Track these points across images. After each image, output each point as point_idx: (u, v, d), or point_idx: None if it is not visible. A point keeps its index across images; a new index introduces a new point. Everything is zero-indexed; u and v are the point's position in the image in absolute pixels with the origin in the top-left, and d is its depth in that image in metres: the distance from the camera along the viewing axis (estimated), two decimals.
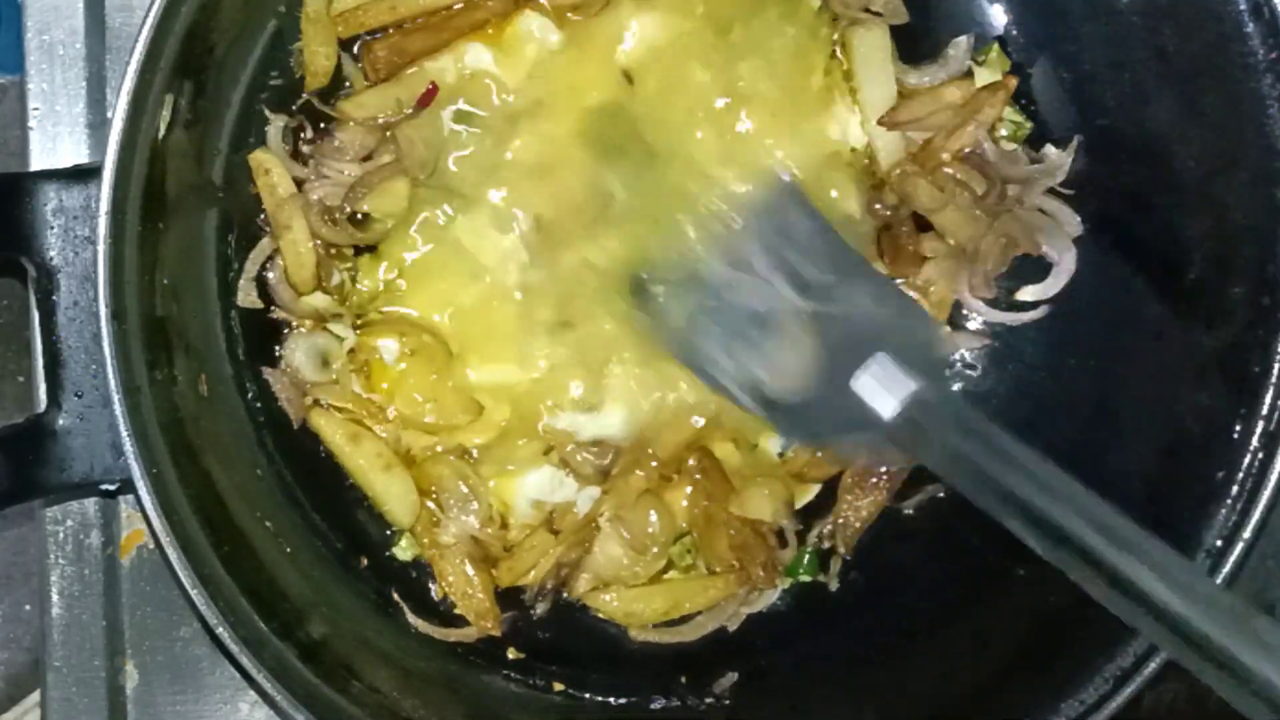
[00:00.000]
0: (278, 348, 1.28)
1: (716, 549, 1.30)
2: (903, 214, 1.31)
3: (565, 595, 1.31)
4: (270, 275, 1.27)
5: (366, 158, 1.27)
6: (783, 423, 1.21)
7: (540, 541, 1.29)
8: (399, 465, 1.27)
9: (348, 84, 1.28)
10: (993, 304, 1.33)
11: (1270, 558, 1.34)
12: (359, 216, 1.26)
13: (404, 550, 1.30)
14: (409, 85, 1.26)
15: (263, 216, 1.26)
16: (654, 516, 1.28)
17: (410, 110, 1.26)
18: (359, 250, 1.29)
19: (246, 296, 1.26)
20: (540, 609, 1.31)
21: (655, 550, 1.29)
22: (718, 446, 1.31)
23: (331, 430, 1.28)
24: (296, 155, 1.28)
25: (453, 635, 1.29)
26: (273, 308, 1.28)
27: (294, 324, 1.28)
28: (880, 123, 1.30)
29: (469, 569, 1.28)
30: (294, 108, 1.27)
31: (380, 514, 1.29)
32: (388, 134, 1.26)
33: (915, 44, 1.33)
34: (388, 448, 1.28)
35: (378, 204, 1.26)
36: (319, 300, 1.28)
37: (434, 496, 1.28)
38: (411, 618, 1.29)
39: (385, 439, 1.28)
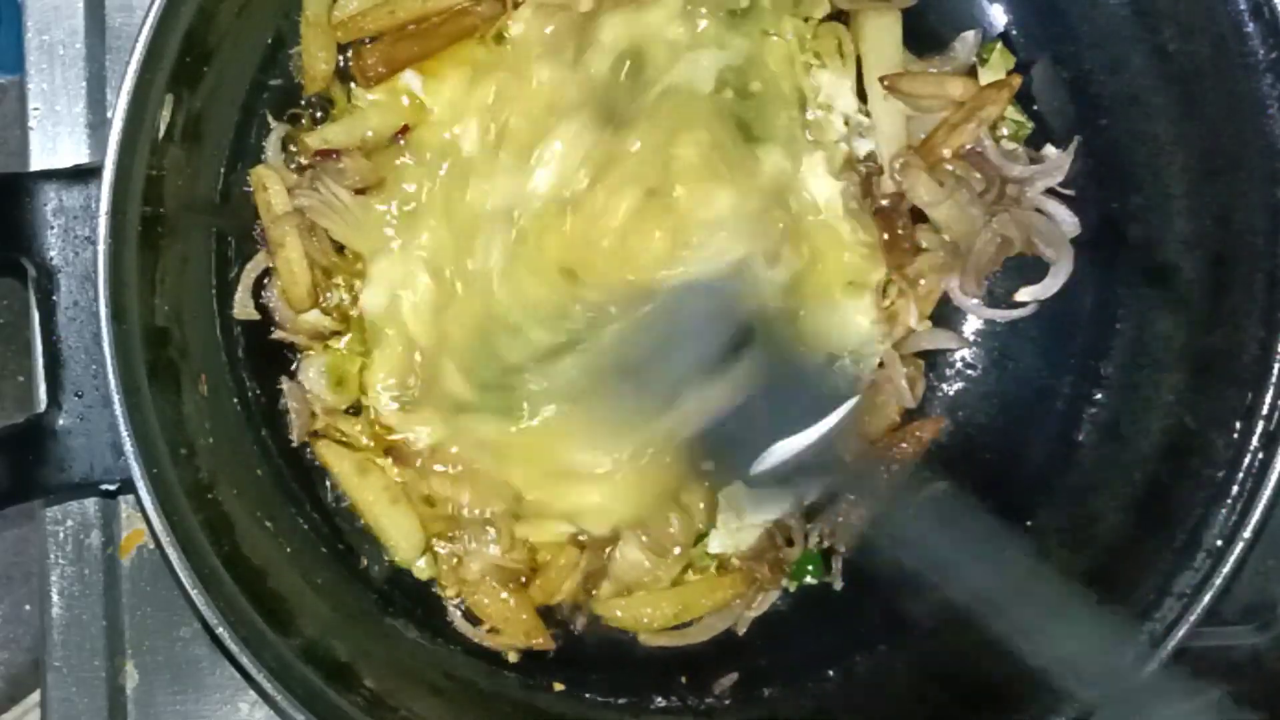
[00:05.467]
0: (289, 368, 1.29)
1: None
2: (901, 206, 1.31)
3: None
4: (267, 292, 1.27)
5: (361, 191, 1.27)
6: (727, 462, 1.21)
7: (569, 557, 1.28)
8: (405, 501, 1.27)
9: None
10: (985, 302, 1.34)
11: (1270, 557, 1.34)
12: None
13: (421, 570, 1.30)
14: (377, 124, 1.26)
15: (259, 230, 1.26)
16: (674, 519, 1.27)
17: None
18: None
19: (243, 309, 1.26)
20: (580, 624, 1.31)
21: (676, 552, 1.28)
22: None
23: (338, 461, 1.27)
24: (296, 163, 1.28)
25: (489, 641, 1.29)
26: (273, 326, 1.28)
27: (289, 340, 1.28)
28: (881, 81, 1.30)
29: (504, 594, 1.27)
30: (292, 114, 1.28)
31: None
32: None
33: (917, 45, 1.33)
34: (395, 482, 1.27)
35: (349, 236, 1.26)
36: (316, 318, 1.28)
37: (448, 535, 1.28)
38: (460, 624, 1.29)
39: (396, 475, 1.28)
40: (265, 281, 1.27)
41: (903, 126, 1.32)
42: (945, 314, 1.35)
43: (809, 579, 1.33)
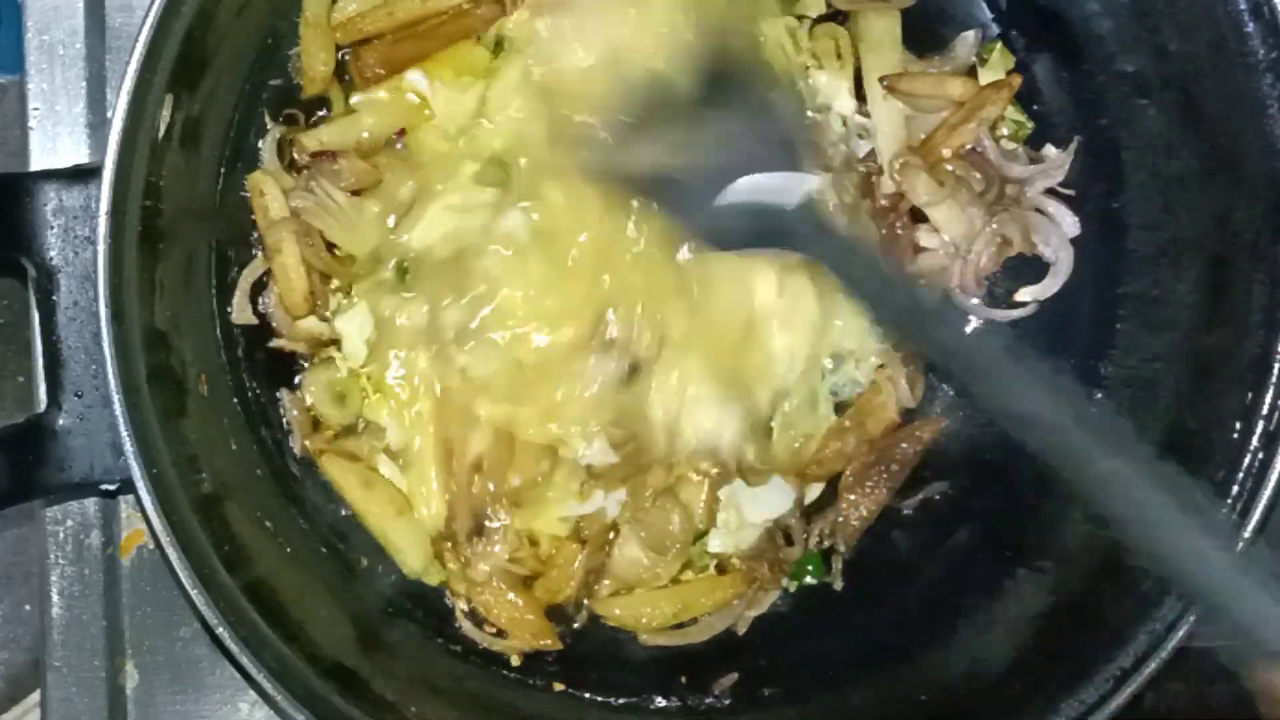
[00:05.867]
0: (289, 368, 1.29)
1: None
2: (901, 206, 1.31)
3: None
4: (265, 298, 1.27)
5: (357, 192, 1.27)
6: (696, 225, 1.18)
7: (570, 553, 1.28)
8: (410, 511, 1.27)
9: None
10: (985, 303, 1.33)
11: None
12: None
13: (430, 577, 1.30)
14: (373, 125, 1.26)
15: (255, 235, 1.26)
16: (674, 516, 1.27)
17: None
18: None
19: (241, 314, 1.26)
20: (580, 621, 1.30)
21: (675, 550, 1.28)
22: None
23: (343, 475, 1.27)
24: (292, 164, 1.28)
25: (497, 645, 1.29)
26: (271, 334, 1.27)
27: (289, 350, 1.28)
28: (882, 81, 1.30)
29: (511, 595, 1.27)
30: (288, 115, 1.28)
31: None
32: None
33: (917, 45, 1.33)
34: (400, 494, 1.27)
35: (344, 238, 1.26)
36: (314, 325, 1.27)
37: (454, 536, 1.27)
38: (467, 629, 1.29)
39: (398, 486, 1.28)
40: (264, 285, 1.27)
41: (902, 126, 1.32)
42: None
43: (809, 579, 1.33)
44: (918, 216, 1.32)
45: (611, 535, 1.29)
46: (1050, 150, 1.32)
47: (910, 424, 1.33)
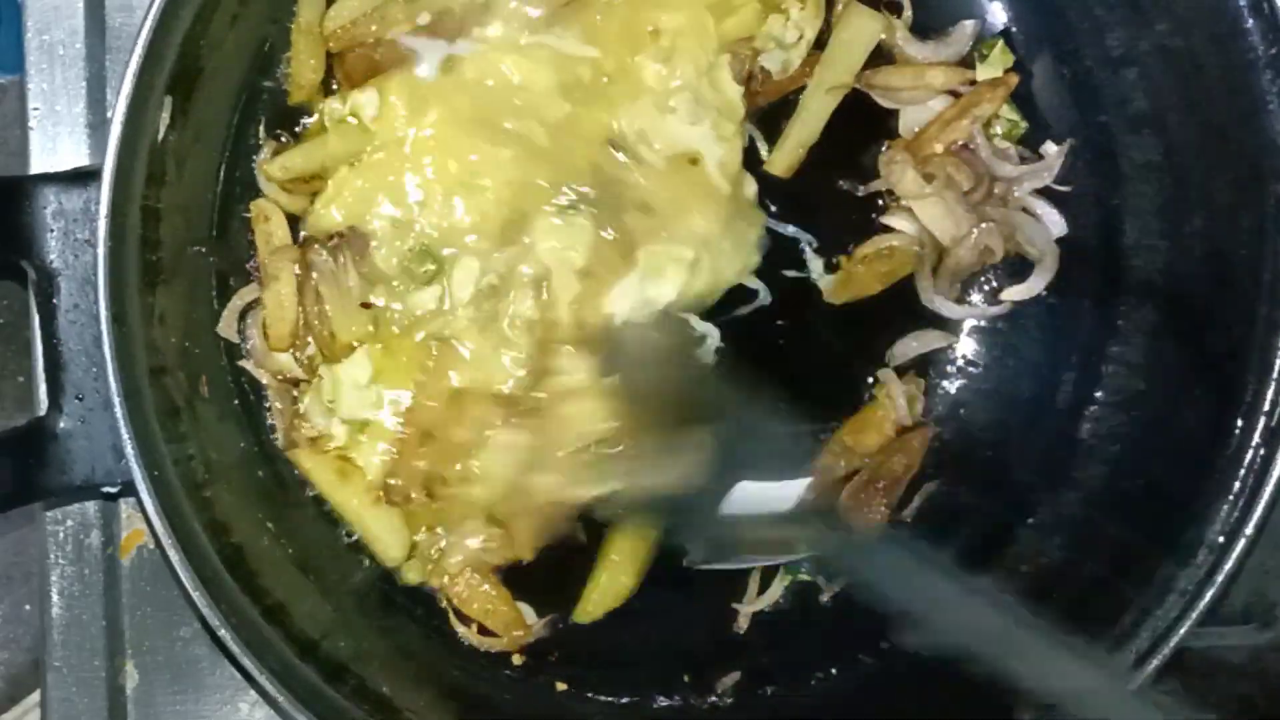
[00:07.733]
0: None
1: None
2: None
3: None
4: (248, 321, 1.25)
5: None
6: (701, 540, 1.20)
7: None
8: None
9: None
10: (960, 301, 1.33)
11: (1270, 558, 1.34)
12: None
13: (410, 570, 1.29)
14: (336, 150, 1.24)
15: (253, 262, 1.26)
16: None
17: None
18: None
19: (226, 327, 1.25)
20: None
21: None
22: None
23: (318, 469, 1.26)
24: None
25: (487, 644, 1.29)
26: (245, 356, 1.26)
27: (253, 372, 1.27)
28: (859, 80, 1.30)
29: (485, 586, 1.27)
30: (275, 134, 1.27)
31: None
32: None
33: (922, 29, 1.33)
34: (375, 484, 1.26)
35: (337, 316, 1.25)
36: (287, 363, 1.26)
37: (429, 526, 1.27)
38: (459, 628, 1.29)
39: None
40: (252, 307, 1.26)
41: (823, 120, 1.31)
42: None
43: (803, 575, 1.33)
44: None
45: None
46: (1050, 147, 1.32)
47: (899, 436, 1.32)
